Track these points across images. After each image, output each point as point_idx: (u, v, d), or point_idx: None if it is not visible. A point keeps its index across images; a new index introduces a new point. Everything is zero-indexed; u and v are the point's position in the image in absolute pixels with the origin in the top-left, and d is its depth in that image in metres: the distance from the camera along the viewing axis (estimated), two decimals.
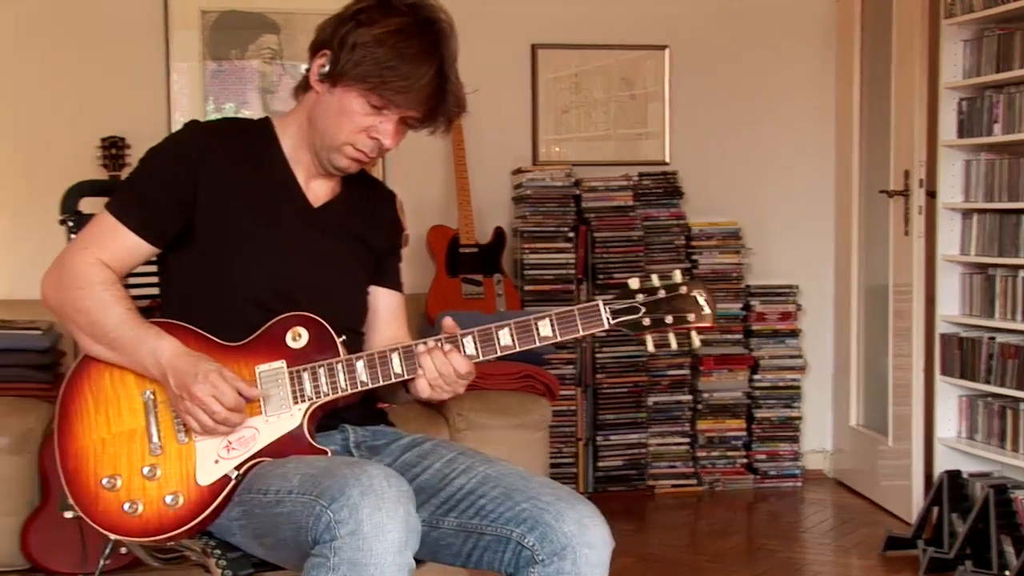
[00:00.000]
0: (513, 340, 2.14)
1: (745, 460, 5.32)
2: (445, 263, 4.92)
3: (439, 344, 2.15)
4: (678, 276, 2.15)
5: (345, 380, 2.17)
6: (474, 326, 4.78)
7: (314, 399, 2.17)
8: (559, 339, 2.14)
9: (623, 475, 5.16)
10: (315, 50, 2.27)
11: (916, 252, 4.60)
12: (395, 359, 2.16)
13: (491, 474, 2.18)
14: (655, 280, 2.14)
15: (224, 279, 2.28)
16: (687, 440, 5.26)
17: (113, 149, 4.67)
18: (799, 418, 5.38)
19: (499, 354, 2.15)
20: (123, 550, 3.92)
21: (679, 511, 4.98)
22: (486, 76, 5.12)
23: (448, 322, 2.20)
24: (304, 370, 2.18)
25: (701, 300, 2.13)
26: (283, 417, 2.17)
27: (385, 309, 2.47)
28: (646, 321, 2.13)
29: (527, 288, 5.05)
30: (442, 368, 2.15)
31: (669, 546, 4.46)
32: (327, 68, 2.22)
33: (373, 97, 2.19)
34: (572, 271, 5.09)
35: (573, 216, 5.12)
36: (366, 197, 2.47)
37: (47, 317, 4.04)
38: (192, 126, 2.37)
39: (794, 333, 5.38)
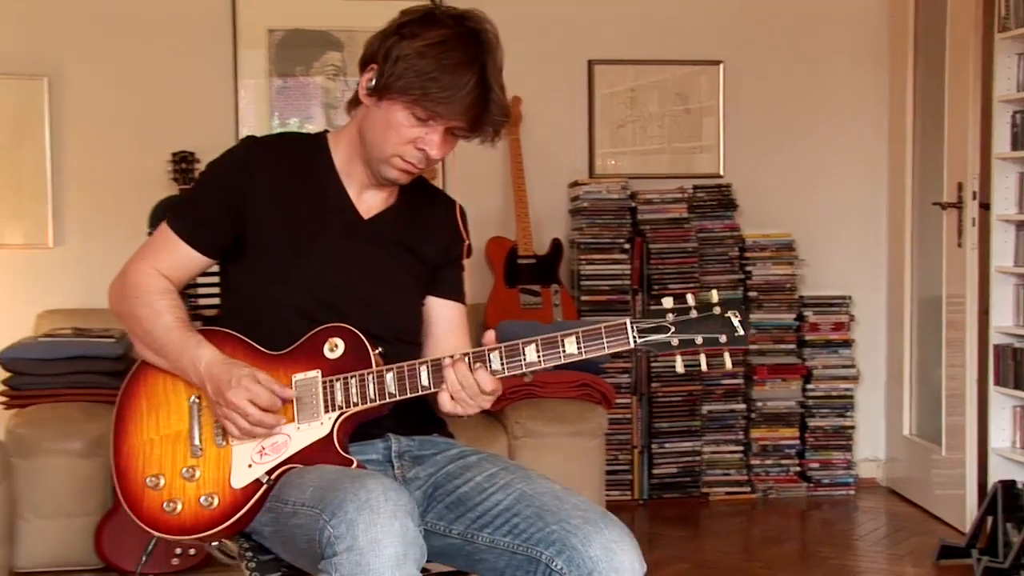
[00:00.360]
0: (539, 357, 2.08)
1: (798, 468, 5.27)
2: (503, 274, 4.93)
3: (464, 358, 2.11)
4: (715, 296, 2.07)
5: (374, 391, 2.14)
6: (533, 335, 4.78)
7: (344, 409, 2.16)
8: (584, 357, 2.07)
9: (678, 482, 5.13)
10: (364, 65, 2.26)
11: (969, 263, 4.54)
12: (423, 372, 2.14)
13: (527, 492, 2.13)
14: (690, 299, 2.07)
15: (270, 290, 2.28)
16: (741, 448, 5.22)
17: (183, 164, 4.71)
18: (852, 427, 5.32)
19: (524, 371, 2.10)
20: (192, 551, 3.99)
21: (733, 518, 4.94)
22: (544, 91, 5.18)
23: (489, 336, 2.16)
24: (337, 380, 2.17)
25: (735, 321, 2.05)
26: (314, 425, 2.16)
27: (443, 320, 2.44)
28: (674, 341, 2.06)
29: (584, 298, 5.04)
30: (464, 381, 2.10)
31: (723, 552, 4.42)
32: (374, 82, 2.21)
33: (417, 109, 2.17)
34: (628, 282, 5.07)
35: (629, 228, 5.11)
36: (422, 208, 2.43)
37: (120, 326, 4.08)
38: (247, 141, 2.40)
39: (847, 343, 5.32)
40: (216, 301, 2.60)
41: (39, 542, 4.01)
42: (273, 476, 2.14)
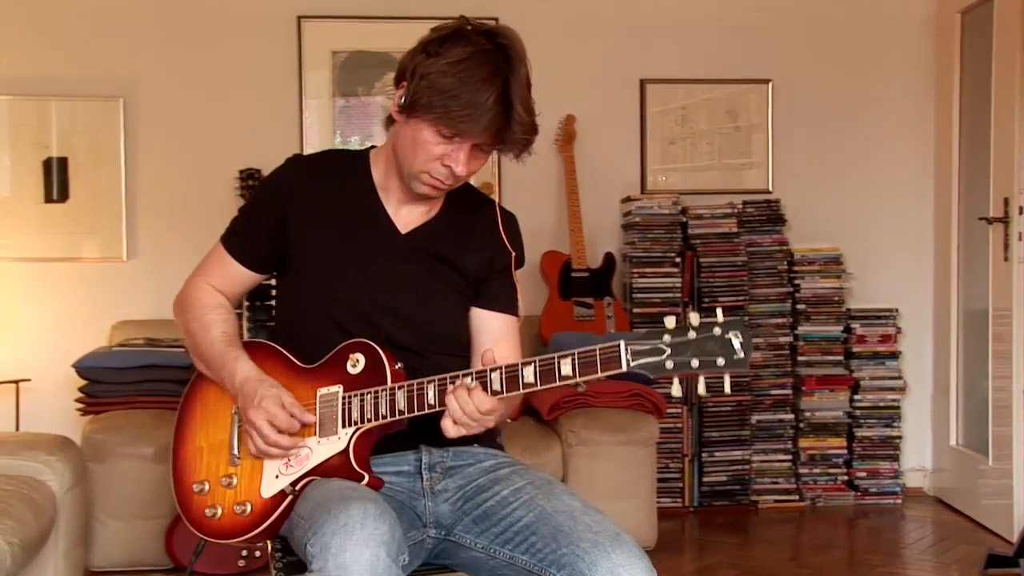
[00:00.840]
0: (536, 378, 1.99)
1: (846, 477, 5.23)
2: (558, 286, 4.93)
3: (464, 382, 2.04)
4: (719, 315, 1.91)
5: (386, 408, 2.11)
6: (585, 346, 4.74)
7: (359, 424, 2.13)
8: (579, 379, 1.97)
9: (727, 490, 5.10)
10: (397, 82, 2.22)
11: (1016, 277, 4.48)
12: (429, 390, 2.08)
13: (546, 510, 2.09)
14: (693, 319, 1.91)
15: (309, 304, 2.29)
16: (789, 457, 5.18)
17: (250, 180, 4.77)
18: (899, 437, 5.26)
19: (522, 391, 2.01)
20: (257, 553, 4.02)
21: (781, 525, 4.91)
22: (597, 110, 5.20)
23: (488, 357, 2.08)
24: (355, 396, 2.14)
25: (736, 343, 1.89)
26: (332, 440, 2.15)
27: (489, 331, 2.37)
28: (669, 364, 1.91)
29: (636, 311, 5.03)
30: (465, 406, 2.03)
31: (772, 559, 4.39)
32: (403, 99, 2.17)
33: (441, 126, 2.13)
34: (679, 295, 5.06)
35: (680, 242, 5.10)
36: (466, 221, 2.37)
37: None
38: (292, 160, 2.39)
39: (894, 355, 5.27)
40: None
41: (113, 543, 4.07)
42: (298, 487, 2.15)
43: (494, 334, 2.36)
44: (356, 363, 2.18)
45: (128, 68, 5.01)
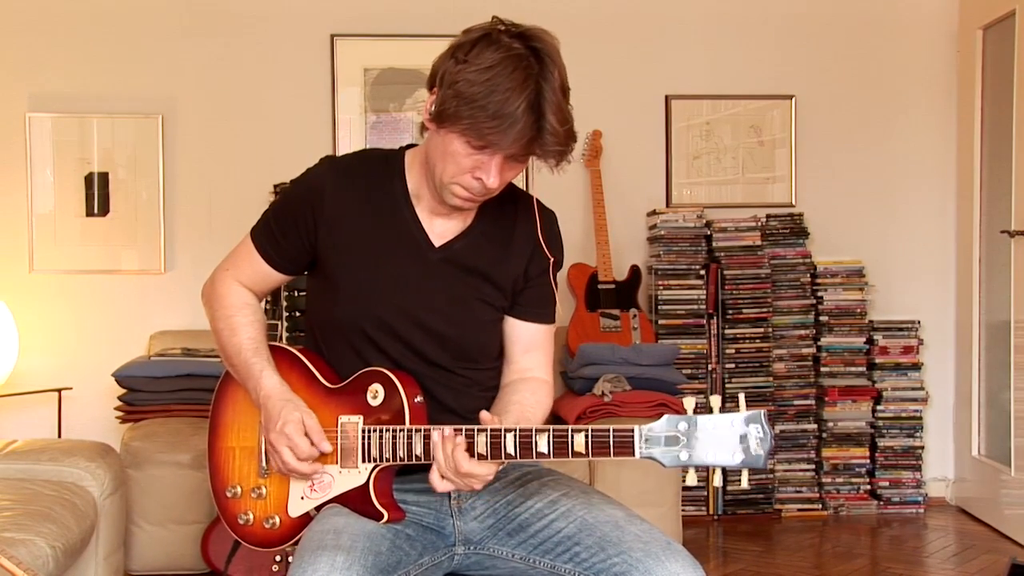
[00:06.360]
0: (549, 449, 1.89)
1: (869, 487, 5.19)
2: (585, 298, 4.93)
3: (451, 435, 1.95)
4: (741, 405, 1.83)
5: (404, 450, 2.02)
6: (611, 356, 4.73)
7: (378, 462, 2.06)
8: (590, 457, 1.87)
9: (751, 499, 5.08)
10: (429, 87, 2.08)
11: None
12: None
13: (588, 521, 2.05)
14: (715, 404, 1.84)
15: (336, 312, 2.18)
16: (812, 467, 5.15)
17: None
18: (921, 447, 5.23)
19: (504, 461, 1.93)
20: (290, 559, 4.03)
21: (805, 534, 4.88)
22: (623, 125, 5.20)
23: (484, 416, 1.97)
24: (374, 431, 2.06)
25: (754, 438, 1.79)
26: (353, 472, 2.08)
27: (519, 341, 2.28)
28: (683, 456, 1.81)
29: (661, 322, 5.02)
30: (446, 461, 1.95)
31: (795, 567, 4.37)
32: (433, 107, 2.03)
33: (470, 137, 1.98)
34: (703, 306, 5.05)
35: (704, 255, 5.09)
36: (502, 229, 2.24)
37: None
38: (323, 162, 2.23)
39: (916, 366, 5.23)
40: None
41: (151, 547, 4.09)
42: (321, 512, 2.13)
43: (523, 344, 2.29)
44: (376, 395, 2.09)
45: (166, 86, 5.06)
